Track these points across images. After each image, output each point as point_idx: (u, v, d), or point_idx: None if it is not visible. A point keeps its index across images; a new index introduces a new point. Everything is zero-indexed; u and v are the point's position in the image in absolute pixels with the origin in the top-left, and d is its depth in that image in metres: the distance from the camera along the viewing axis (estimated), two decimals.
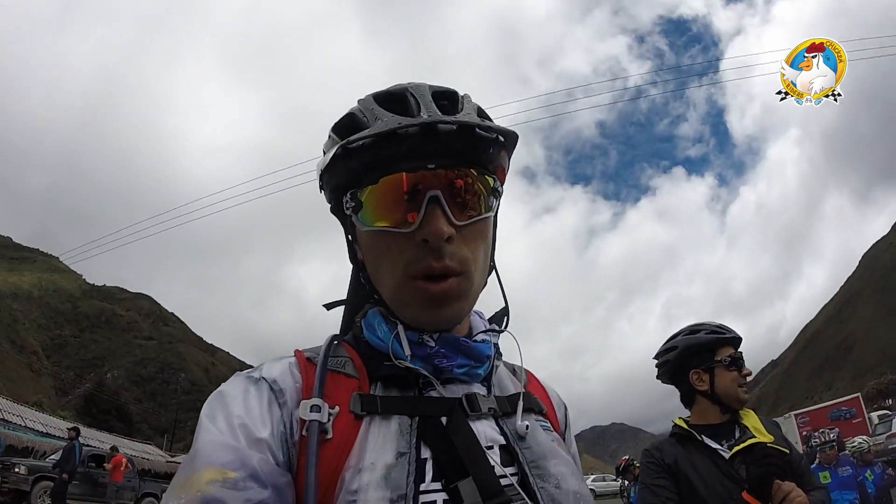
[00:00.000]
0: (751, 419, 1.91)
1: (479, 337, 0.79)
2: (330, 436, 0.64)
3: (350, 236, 0.80)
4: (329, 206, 0.81)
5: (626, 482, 9.09)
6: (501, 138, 0.72)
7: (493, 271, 0.82)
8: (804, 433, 16.65)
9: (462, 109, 0.73)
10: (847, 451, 6.27)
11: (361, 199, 0.71)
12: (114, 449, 15.91)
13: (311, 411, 0.64)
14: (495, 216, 0.80)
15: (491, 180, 0.73)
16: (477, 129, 0.68)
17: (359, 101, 0.76)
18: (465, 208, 0.71)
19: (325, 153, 0.77)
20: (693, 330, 2.01)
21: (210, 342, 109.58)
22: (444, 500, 0.63)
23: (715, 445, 1.85)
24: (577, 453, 0.88)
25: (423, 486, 0.63)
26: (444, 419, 0.69)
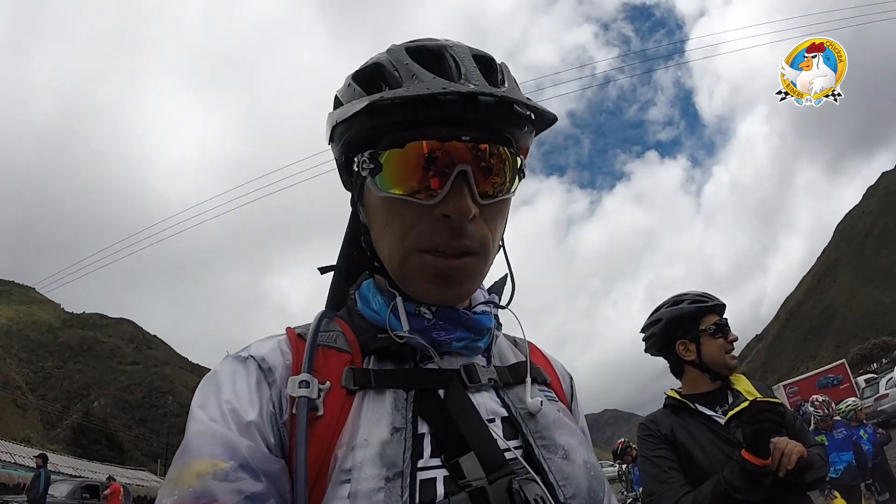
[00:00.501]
0: (742, 383, 1.92)
1: (479, 308, 0.75)
2: (321, 413, 0.61)
3: (354, 196, 0.75)
4: (336, 159, 0.76)
5: (625, 465, 9.12)
6: (534, 117, 0.67)
7: (502, 248, 0.77)
8: (794, 402, 16.97)
9: (503, 81, 0.67)
10: (839, 416, 6.41)
11: (382, 161, 0.64)
12: (110, 478, 15.77)
13: (299, 387, 0.61)
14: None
15: (519, 160, 0.68)
16: (516, 106, 0.63)
17: (389, 50, 0.69)
18: (491, 187, 0.66)
19: (339, 102, 0.71)
20: (676, 301, 2.01)
21: (196, 362, 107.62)
22: (444, 477, 0.59)
23: (709, 412, 1.85)
24: (586, 426, 0.84)
25: (420, 463, 0.60)
26: (441, 392, 0.66)
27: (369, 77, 0.68)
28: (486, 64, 0.68)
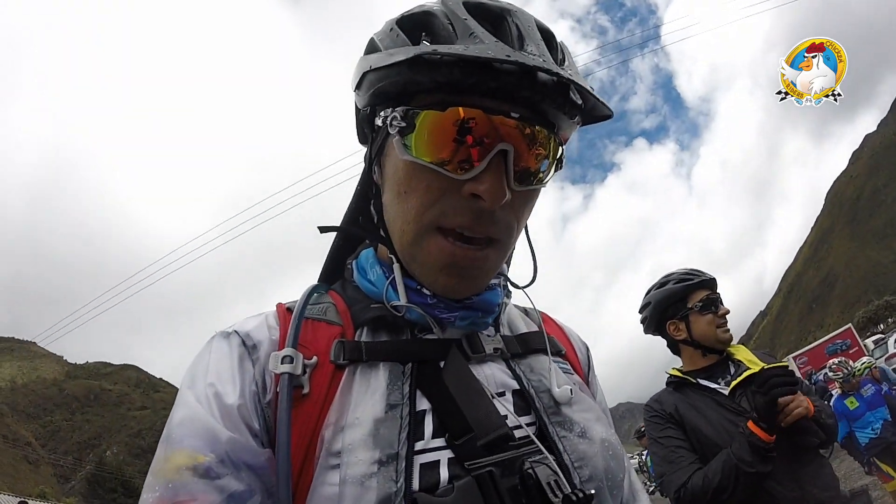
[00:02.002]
0: (742, 353, 1.92)
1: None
2: (306, 390, 0.56)
3: (372, 152, 0.66)
4: (358, 110, 0.68)
5: (644, 452, 9.10)
6: (584, 108, 0.60)
7: (524, 232, 0.70)
8: (805, 373, 16.94)
9: (563, 61, 0.60)
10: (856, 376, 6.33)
11: (416, 122, 0.57)
12: None
13: (282, 363, 0.56)
14: None
15: (560, 150, 0.62)
16: (571, 93, 0.56)
17: (443, 1, 0.61)
18: (527, 172, 0.59)
19: (375, 46, 0.63)
20: (662, 283, 2.03)
21: None
22: (449, 459, 0.54)
23: (713, 385, 1.85)
24: (605, 399, 0.79)
25: (420, 444, 0.55)
26: (443, 364, 0.61)
27: (418, 25, 0.60)
28: (548, 39, 0.60)
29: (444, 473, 0.53)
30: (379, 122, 0.60)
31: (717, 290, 1.99)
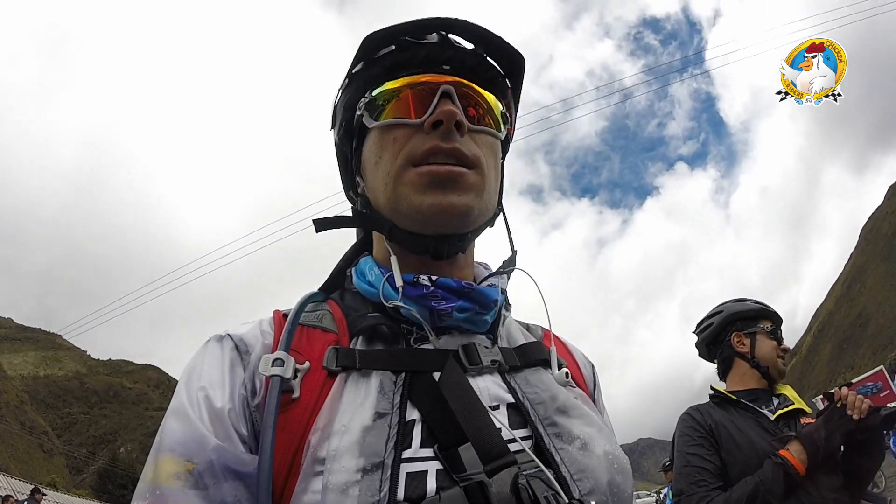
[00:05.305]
0: (787, 390, 1.91)
1: (485, 283, 0.70)
2: (296, 395, 0.56)
3: (354, 166, 0.74)
4: (336, 146, 0.77)
5: (665, 490, 8.66)
6: (504, 69, 0.71)
7: (502, 214, 0.75)
8: None
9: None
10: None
11: (377, 98, 0.67)
12: None
13: (272, 366, 0.56)
14: (503, 165, 0.76)
15: (501, 105, 0.70)
16: (487, 55, 0.69)
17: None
18: (474, 112, 0.67)
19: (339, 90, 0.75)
20: (739, 300, 2.06)
21: None
22: (437, 470, 0.53)
23: (758, 408, 1.84)
24: (610, 420, 0.77)
25: (408, 453, 0.53)
26: (437, 375, 0.59)
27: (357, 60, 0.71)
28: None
29: (431, 484, 0.52)
30: (354, 122, 0.70)
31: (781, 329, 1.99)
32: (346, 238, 0.79)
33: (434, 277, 0.65)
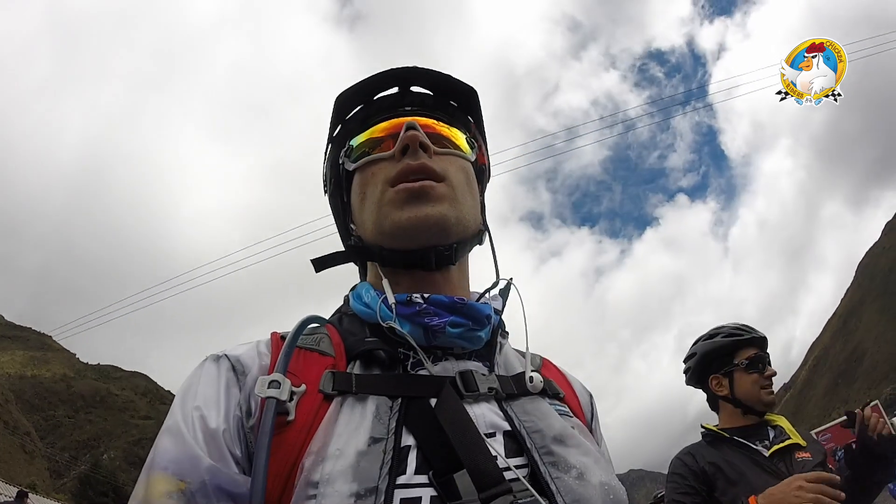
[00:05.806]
0: (782, 421, 1.88)
1: (480, 302, 0.73)
2: (291, 417, 0.56)
3: (347, 216, 0.81)
4: (332, 205, 0.85)
5: None
6: (458, 103, 0.80)
7: (487, 234, 0.79)
8: (829, 449, 16.20)
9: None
10: None
11: (353, 144, 0.77)
12: None
13: (268, 387, 0.56)
14: (483, 190, 0.84)
15: (463, 135, 0.79)
16: (443, 96, 0.79)
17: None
18: (438, 138, 0.75)
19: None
20: (711, 335, 1.98)
21: None
22: (432, 497, 0.53)
23: (751, 445, 1.80)
24: (608, 451, 0.77)
25: (402, 479, 0.53)
26: (433, 402, 0.60)
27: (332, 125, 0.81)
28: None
29: None
30: (341, 171, 0.79)
31: (767, 350, 1.91)
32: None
33: (426, 295, 0.67)
